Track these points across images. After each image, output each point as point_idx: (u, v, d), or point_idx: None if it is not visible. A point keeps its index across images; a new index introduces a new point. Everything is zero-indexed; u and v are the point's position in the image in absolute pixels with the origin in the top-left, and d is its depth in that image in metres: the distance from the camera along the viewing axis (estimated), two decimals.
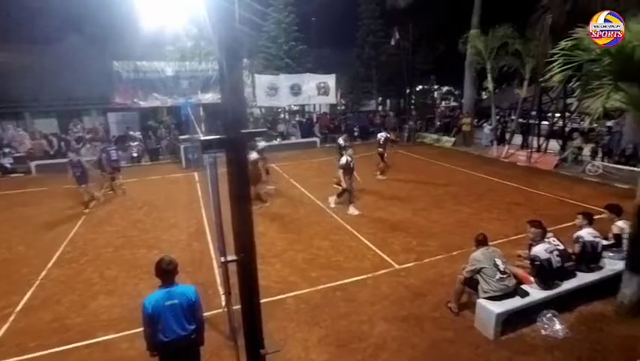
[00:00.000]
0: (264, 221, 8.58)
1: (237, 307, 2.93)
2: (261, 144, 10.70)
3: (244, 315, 2.10)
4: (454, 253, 6.69)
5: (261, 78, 18.61)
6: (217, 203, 2.64)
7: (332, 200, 9.32)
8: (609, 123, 14.11)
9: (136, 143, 16.27)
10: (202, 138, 1.85)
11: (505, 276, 4.65)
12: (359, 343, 4.52)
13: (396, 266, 6.33)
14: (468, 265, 4.82)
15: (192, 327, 3.36)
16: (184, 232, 8.17)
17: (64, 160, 10.72)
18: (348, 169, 8.90)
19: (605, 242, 5.43)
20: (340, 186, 8.94)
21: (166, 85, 17.50)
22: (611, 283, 5.03)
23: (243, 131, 1.76)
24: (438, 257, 6.59)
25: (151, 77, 17.25)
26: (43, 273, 6.50)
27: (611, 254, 5.41)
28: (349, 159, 8.95)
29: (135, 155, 15.93)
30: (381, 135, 12.49)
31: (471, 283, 4.83)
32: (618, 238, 5.44)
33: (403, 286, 5.74)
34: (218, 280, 5.99)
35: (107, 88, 17.23)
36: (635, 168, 10.31)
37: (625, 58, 4.06)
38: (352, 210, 8.86)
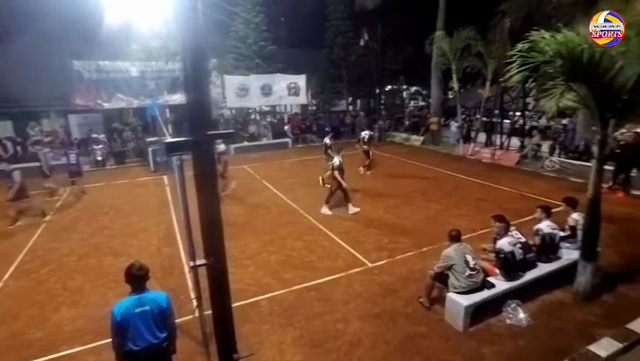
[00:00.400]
0: (237, 223, 8.47)
1: (210, 312, 2.89)
2: (221, 146, 10.56)
3: (215, 320, 2.07)
4: (425, 249, 6.87)
5: (230, 79, 18.37)
6: (185, 206, 2.58)
7: (350, 207, 9.02)
8: (564, 121, 14.93)
9: (100, 146, 15.61)
10: (167, 140, 1.80)
11: (474, 273, 4.79)
12: (334, 342, 4.55)
13: (369, 264, 6.42)
14: (439, 261, 4.94)
15: (164, 335, 3.27)
16: (153, 237, 7.93)
17: (20, 165, 10.17)
18: (341, 170, 8.91)
19: (562, 233, 5.75)
20: (328, 185, 8.92)
21: (131, 86, 16.87)
22: (569, 272, 5.34)
23: (209, 132, 1.74)
24: (409, 254, 6.74)
25: (115, 77, 16.58)
26: None
27: (567, 245, 5.73)
28: (341, 159, 8.94)
29: (100, 158, 15.29)
30: (365, 133, 13.08)
31: (441, 278, 4.98)
32: (573, 229, 5.78)
33: (376, 283, 5.83)
34: (190, 285, 5.86)
35: (67, 88, 16.38)
36: (587, 163, 10.97)
37: (575, 60, 4.33)
38: (325, 210, 8.92)
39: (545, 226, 5.50)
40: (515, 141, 15.18)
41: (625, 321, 4.69)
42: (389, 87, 27.21)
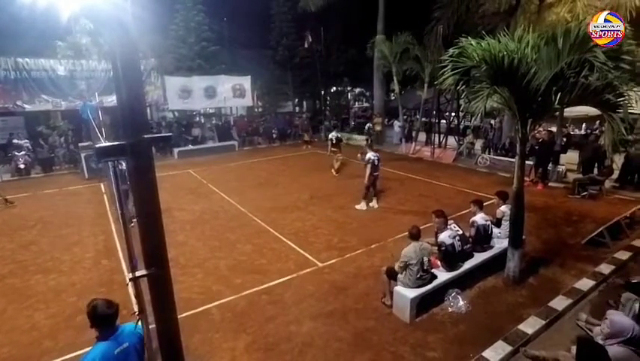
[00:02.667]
0: (184, 229, 8.15)
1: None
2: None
3: (159, 335, 1.98)
4: (372, 246, 7.10)
5: (171, 80, 17.59)
6: (122, 214, 2.45)
7: (362, 204, 9.30)
8: (492, 121, 16.29)
9: (22, 152, 14.11)
10: (97, 145, 1.70)
11: (425, 275, 5.01)
12: (287, 344, 4.55)
13: (320, 264, 6.51)
14: (399, 260, 5.00)
15: None
16: (90, 250, 7.35)
17: None
18: (374, 165, 9.09)
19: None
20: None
21: (59, 86, 15.44)
22: (500, 260, 5.85)
23: (145, 136, 1.66)
24: (358, 252, 6.93)
25: (38, 76, 15.05)
26: None
27: (499, 234, 6.27)
28: (375, 156, 9.17)
29: (22, 166, 13.81)
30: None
31: (391, 274, 5.17)
32: (499, 221, 6.35)
33: (327, 282, 5.92)
34: (134, 298, 5.53)
35: None
36: (512, 159, 12.04)
37: (497, 65, 4.77)
38: (361, 205, 9.18)
39: (480, 218, 5.95)
40: (452, 140, 16.26)
41: (547, 300, 5.24)
42: (334, 89, 27.69)
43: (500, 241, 6.13)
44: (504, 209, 6.24)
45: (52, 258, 7.05)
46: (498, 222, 6.33)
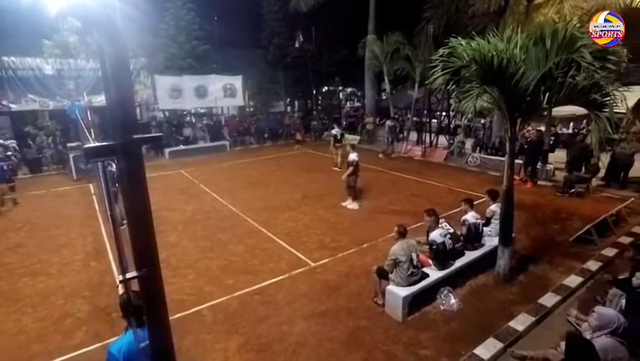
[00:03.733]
0: (175, 230, 8.08)
1: None
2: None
3: (151, 336, 1.96)
4: (364, 245, 7.12)
5: (162, 79, 17.39)
6: (112, 215, 2.42)
7: (349, 201, 9.44)
8: (483, 121, 16.45)
9: (9, 153, 13.81)
10: (85, 145, 1.67)
11: (416, 271, 5.06)
12: (280, 344, 4.55)
13: (312, 264, 6.51)
14: (387, 259, 5.06)
15: None
16: (79, 252, 7.24)
17: None
18: (355, 166, 9.23)
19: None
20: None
21: (46, 85, 15.19)
22: (490, 258, 5.91)
23: (135, 136, 1.64)
24: (349, 251, 6.94)
25: (24, 75, 14.79)
26: None
27: (489, 232, 6.34)
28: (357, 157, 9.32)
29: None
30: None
31: (382, 273, 5.20)
32: (488, 220, 6.42)
33: (320, 282, 5.92)
34: None
35: None
36: (502, 158, 12.21)
37: (487, 65, 4.82)
38: (353, 205, 9.28)
39: (470, 216, 6.01)
40: (443, 139, 16.38)
41: (536, 297, 5.32)
42: (326, 88, 27.71)
43: (491, 239, 6.20)
44: (494, 208, 6.31)
45: (40, 260, 6.93)
46: (487, 222, 6.39)
